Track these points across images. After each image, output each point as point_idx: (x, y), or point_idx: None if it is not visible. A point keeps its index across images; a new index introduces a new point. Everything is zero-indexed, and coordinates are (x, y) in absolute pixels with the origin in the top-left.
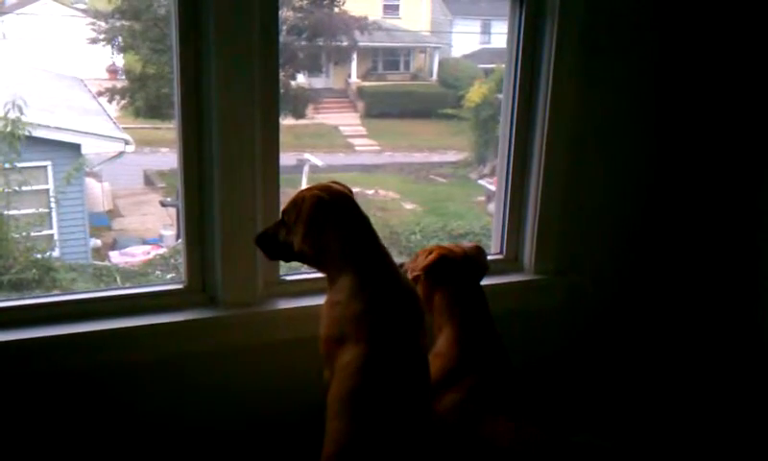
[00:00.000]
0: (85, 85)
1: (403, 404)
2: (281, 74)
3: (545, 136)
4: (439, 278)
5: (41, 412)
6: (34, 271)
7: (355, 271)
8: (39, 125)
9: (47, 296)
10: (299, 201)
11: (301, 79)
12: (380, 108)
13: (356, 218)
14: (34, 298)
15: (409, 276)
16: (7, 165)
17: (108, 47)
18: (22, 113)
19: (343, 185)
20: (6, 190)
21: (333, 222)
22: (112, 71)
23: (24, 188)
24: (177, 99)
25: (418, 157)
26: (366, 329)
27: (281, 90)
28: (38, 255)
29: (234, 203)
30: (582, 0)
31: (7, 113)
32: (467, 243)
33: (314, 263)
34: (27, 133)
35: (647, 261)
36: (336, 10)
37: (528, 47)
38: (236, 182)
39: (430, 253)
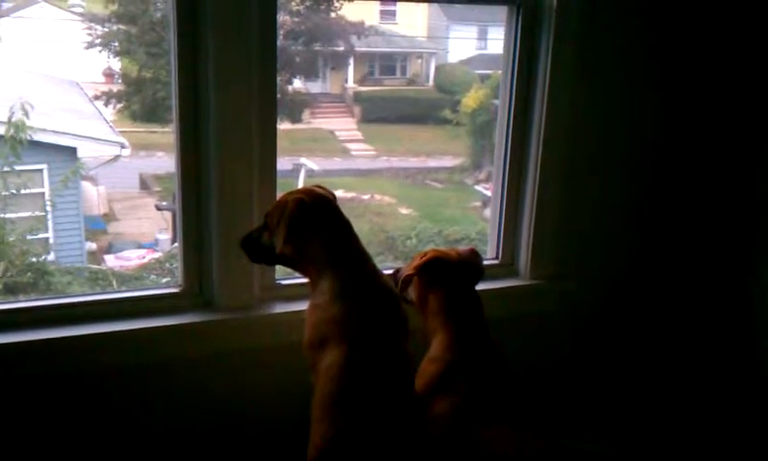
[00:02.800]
0: (82, 89)
1: (385, 407)
2: (278, 78)
3: (541, 142)
4: (432, 279)
5: (37, 415)
6: (29, 274)
7: (336, 274)
8: (36, 128)
9: (43, 299)
10: (281, 204)
11: (298, 83)
12: (376, 113)
13: (338, 222)
14: (29, 301)
15: (402, 275)
16: (6, 168)
17: (105, 51)
18: (28, 117)
19: (326, 189)
20: (3, 193)
21: (315, 225)
22: (109, 75)
23: (20, 192)
24: (174, 103)
25: (414, 163)
26: (346, 332)
27: (278, 95)
28: (34, 259)
29: (231, 207)
30: (578, 6)
31: (11, 117)
32: (462, 247)
33: (296, 266)
34: (29, 137)
35: (643, 266)
36: (333, 15)
37: (524, 53)
38: (233, 186)
39: (425, 255)
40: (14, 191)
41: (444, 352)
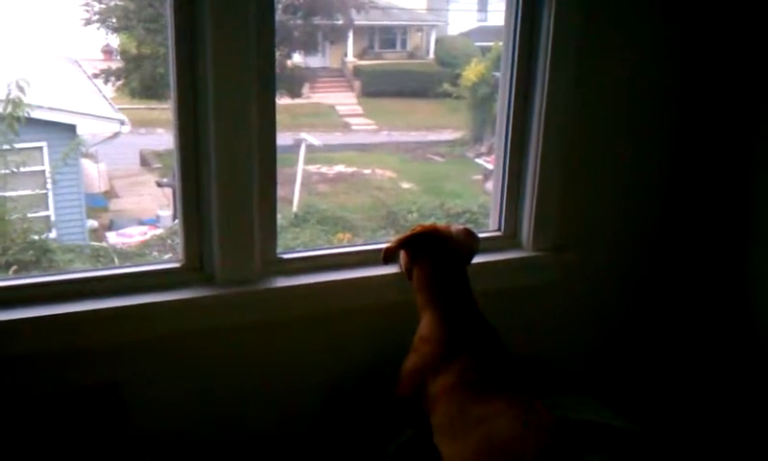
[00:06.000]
0: (80, 66)
1: None
2: (277, 53)
3: (543, 114)
4: (416, 253)
5: (37, 391)
6: (31, 252)
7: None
8: (35, 105)
9: (44, 275)
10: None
11: (297, 58)
12: (377, 86)
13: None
14: (31, 277)
15: (385, 248)
16: (6, 146)
17: (103, 28)
18: (24, 94)
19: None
20: (3, 171)
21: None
22: (107, 52)
23: (20, 169)
24: (172, 79)
25: (414, 136)
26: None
27: (277, 70)
28: (35, 237)
29: (231, 182)
30: None
31: (9, 95)
32: (458, 225)
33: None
34: (26, 115)
35: (647, 237)
36: None
37: (526, 24)
38: (232, 162)
39: (414, 229)
40: (15, 169)
41: (436, 331)
